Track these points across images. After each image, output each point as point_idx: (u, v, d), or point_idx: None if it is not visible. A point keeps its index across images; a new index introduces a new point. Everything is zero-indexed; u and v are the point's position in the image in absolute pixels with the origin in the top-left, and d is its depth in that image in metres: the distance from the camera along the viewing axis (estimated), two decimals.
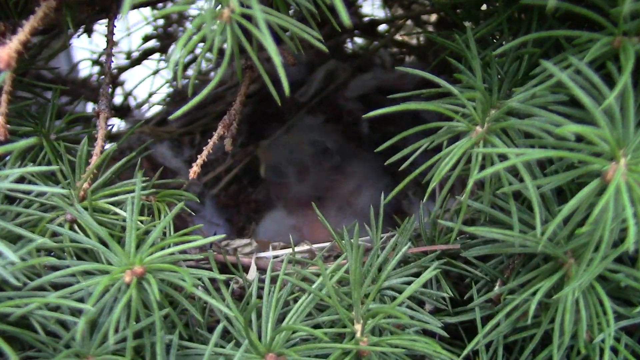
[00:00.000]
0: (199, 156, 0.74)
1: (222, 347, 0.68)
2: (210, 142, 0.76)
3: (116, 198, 0.73)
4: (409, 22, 1.37)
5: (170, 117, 0.55)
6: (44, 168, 0.64)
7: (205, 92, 0.58)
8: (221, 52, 0.58)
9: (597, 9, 0.62)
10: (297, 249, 0.92)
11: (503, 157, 0.62)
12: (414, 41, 1.37)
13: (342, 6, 0.48)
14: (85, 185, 0.72)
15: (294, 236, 1.16)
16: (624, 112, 0.56)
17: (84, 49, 1.60)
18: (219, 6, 0.57)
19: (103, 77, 0.80)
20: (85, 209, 0.69)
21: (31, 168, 0.65)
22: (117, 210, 0.69)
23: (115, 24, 0.81)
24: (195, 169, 0.73)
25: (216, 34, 0.57)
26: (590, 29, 0.63)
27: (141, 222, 0.72)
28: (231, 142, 0.84)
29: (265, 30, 0.50)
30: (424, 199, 0.65)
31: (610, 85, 0.56)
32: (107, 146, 0.79)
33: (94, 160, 0.73)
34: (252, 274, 0.88)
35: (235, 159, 1.27)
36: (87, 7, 0.75)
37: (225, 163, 1.26)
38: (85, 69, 1.62)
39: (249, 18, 0.57)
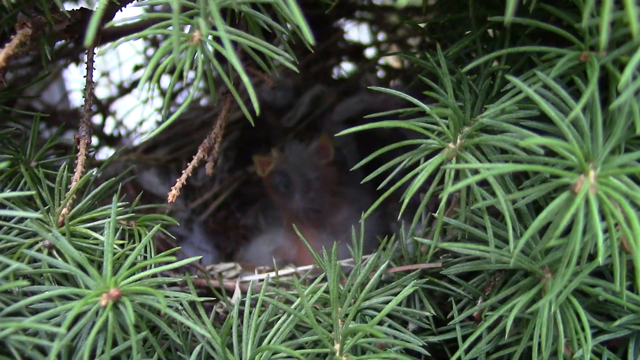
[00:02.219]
0: (178, 180, 0.74)
1: None
2: (190, 166, 0.77)
3: (96, 223, 0.73)
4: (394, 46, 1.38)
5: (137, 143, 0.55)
6: (21, 193, 0.64)
7: (174, 116, 0.58)
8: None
9: (568, 26, 0.63)
10: (281, 272, 0.92)
11: (477, 173, 0.62)
12: (398, 64, 1.38)
13: (305, 26, 0.49)
14: (64, 210, 0.72)
15: (282, 260, 1.16)
16: (592, 126, 0.56)
17: (77, 81, 1.62)
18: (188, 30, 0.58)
19: (83, 103, 0.80)
20: (64, 234, 0.69)
21: (9, 193, 0.65)
22: (96, 234, 0.69)
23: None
24: (174, 192, 0.73)
25: (187, 58, 0.57)
26: (560, 46, 0.64)
27: (122, 246, 0.72)
28: (212, 165, 0.84)
29: (230, 49, 0.50)
30: (399, 216, 0.65)
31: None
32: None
33: (73, 185, 0.73)
34: (236, 298, 0.87)
35: (223, 185, 1.27)
36: (65, 34, 0.76)
37: (213, 189, 1.26)
38: (78, 100, 1.64)
39: (218, 41, 0.58)
